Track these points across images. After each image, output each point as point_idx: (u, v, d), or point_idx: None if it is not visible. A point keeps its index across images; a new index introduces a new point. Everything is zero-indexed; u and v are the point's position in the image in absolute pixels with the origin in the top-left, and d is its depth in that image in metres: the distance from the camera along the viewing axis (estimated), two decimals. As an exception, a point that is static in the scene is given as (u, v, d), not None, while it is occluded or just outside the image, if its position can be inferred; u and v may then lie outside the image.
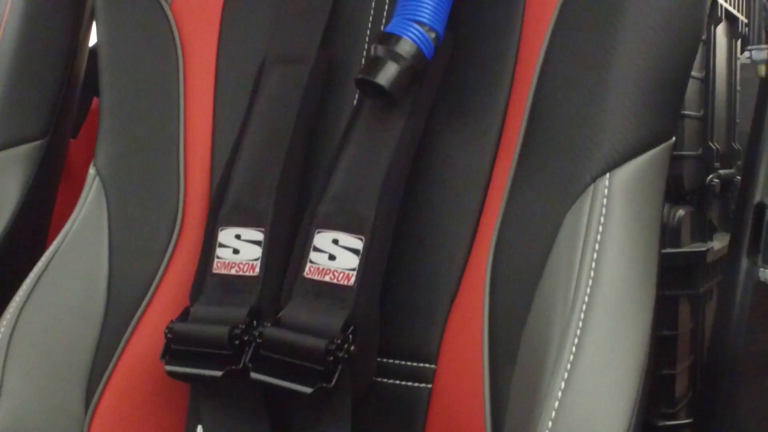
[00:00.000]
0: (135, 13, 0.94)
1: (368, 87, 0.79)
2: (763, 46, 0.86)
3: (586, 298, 0.67)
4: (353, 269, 0.77)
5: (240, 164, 0.85)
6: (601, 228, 0.69)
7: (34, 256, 0.91)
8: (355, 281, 0.76)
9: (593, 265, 0.68)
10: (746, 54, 1.38)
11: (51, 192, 1.09)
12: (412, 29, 0.78)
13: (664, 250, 0.96)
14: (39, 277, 0.88)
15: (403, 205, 0.79)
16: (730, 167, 1.22)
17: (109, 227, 0.89)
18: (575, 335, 0.66)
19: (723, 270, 0.93)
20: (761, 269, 0.69)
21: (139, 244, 0.89)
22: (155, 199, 0.90)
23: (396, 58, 0.78)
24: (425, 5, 0.79)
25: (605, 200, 0.70)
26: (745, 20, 1.24)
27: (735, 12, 1.21)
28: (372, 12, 0.87)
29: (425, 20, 0.79)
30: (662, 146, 0.73)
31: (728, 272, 0.77)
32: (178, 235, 0.88)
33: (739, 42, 1.27)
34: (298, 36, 0.87)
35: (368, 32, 0.87)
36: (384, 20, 0.87)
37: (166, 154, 0.90)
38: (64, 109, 1.07)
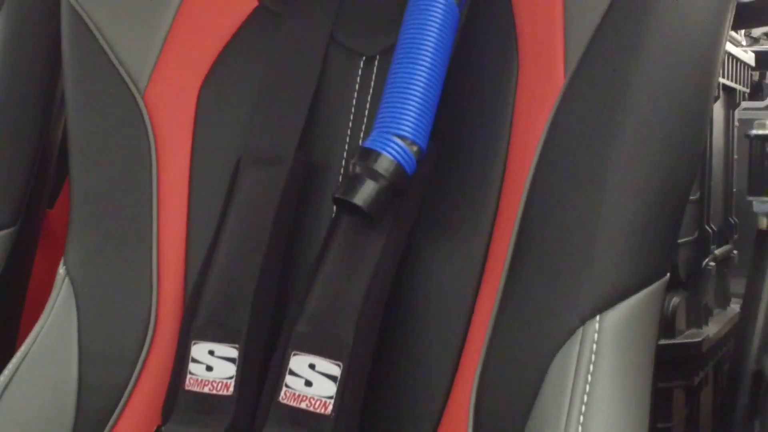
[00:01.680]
0: (106, 103, 0.90)
1: (346, 205, 0.75)
2: (764, 198, 0.82)
3: None
4: (330, 397, 0.73)
5: (213, 274, 0.81)
6: (590, 377, 0.66)
7: (6, 347, 0.88)
8: (333, 410, 0.73)
9: (581, 419, 0.64)
10: (744, 104, 1.34)
11: (23, 279, 1.05)
12: (392, 144, 0.74)
13: (657, 342, 0.92)
14: (6, 386, 0.84)
15: (383, 326, 0.76)
16: (727, 242, 1.18)
17: (79, 332, 0.85)
18: None
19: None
20: (757, 448, 0.66)
21: (109, 352, 0.85)
22: (127, 304, 0.86)
23: (374, 176, 0.73)
24: (407, 117, 0.75)
25: (595, 346, 0.66)
26: (744, 89, 1.20)
27: (732, 84, 1.17)
28: (353, 111, 0.83)
29: (407, 134, 0.74)
30: (657, 284, 0.69)
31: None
32: (150, 343, 0.84)
33: (736, 111, 1.23)
34: (276, 136, 0.83)
35: (348, 133, 0.83)
36: (365, 120, 0.82)
37: (139, 254, 0.87)
38: (35, 193, 1.03)
